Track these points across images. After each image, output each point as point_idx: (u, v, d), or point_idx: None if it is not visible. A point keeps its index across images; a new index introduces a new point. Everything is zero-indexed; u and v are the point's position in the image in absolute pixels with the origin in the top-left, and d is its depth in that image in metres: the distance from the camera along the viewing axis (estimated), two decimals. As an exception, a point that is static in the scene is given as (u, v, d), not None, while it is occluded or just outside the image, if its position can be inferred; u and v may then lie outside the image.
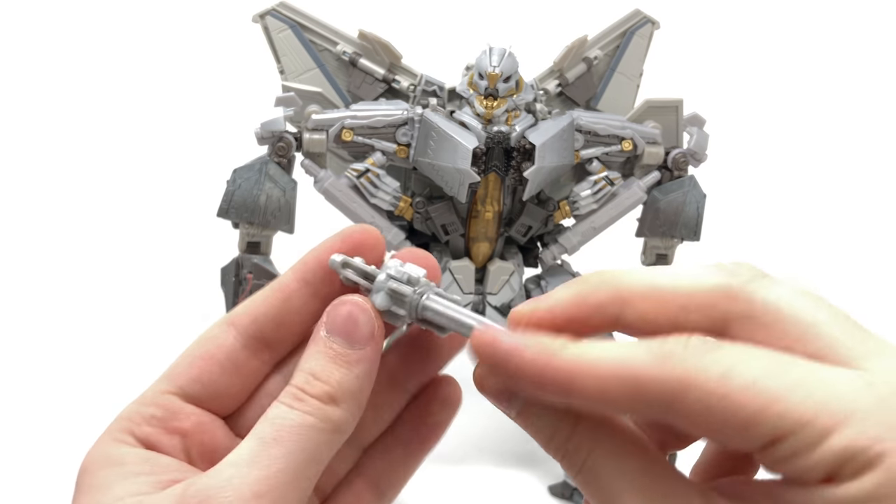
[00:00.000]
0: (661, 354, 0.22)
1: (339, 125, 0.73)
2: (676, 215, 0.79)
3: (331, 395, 0.27)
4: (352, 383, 0.27)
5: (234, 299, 0.75)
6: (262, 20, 0.76)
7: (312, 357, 0.28)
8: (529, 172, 0.72)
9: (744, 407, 0.20)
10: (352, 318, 0.28)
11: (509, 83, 0.71)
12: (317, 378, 0.27)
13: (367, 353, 0.28)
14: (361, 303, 0.28)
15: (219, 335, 0.30)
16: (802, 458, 0.20)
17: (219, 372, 0.29)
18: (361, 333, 0.28)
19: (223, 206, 0.73)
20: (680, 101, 0.79)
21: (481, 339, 0.25)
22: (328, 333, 0.28)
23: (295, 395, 0.27)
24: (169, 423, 0.28)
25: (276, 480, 0.25)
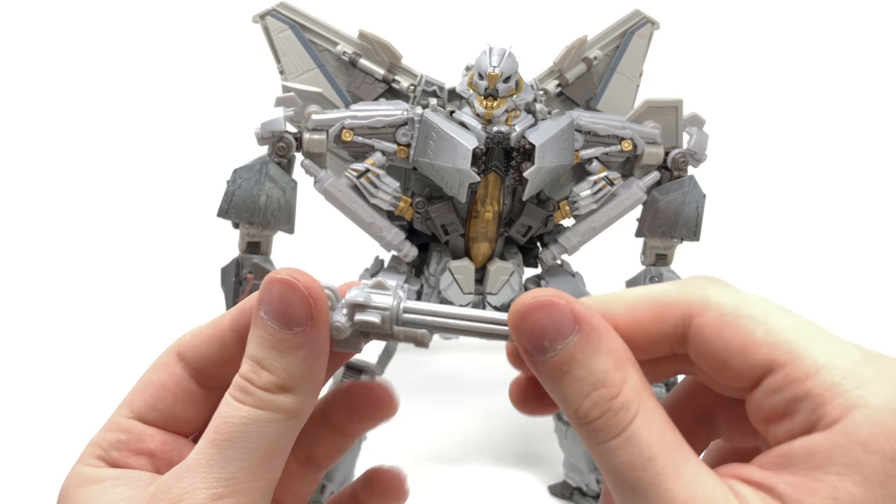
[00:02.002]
0: (683, 284, 0.26)
1: (339, 125, 0.73)
2: (676, 215, 0.79)
3: (277, 384, 0.26)
4: (298, 367, 0.26)
5: (235, 299, 0.75)
6: (263, 20, 0.76)
7: (254, 341, 0.27)
8: (529, 172, 0.72)
9: (754, 330, 0.24)
10: (284, 299, 0.26)
11: (509, 83, 0.71)
12: (262, 366, 0.26)
13: (307, 334, 0.26)
14: (292, 280, 0.26)
15: (168, 364, 0.31)
16: (788, 391, 0.23)
17: (172, 400, 0.30)
18: (297, 315, 0.26)
19: (223, 207, 0.73)
20: (679, 101, 0.79)
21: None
22: (265, 315, 0.26)
23: (242, 387, 0.26)
24: (135, 445, 0.29)
25: (237, 480, 0.25)
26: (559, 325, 0.25)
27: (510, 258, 0.81)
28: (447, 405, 0.92)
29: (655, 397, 0.25)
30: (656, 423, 0.24)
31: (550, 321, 0.25)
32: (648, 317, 0.26)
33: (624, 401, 0.24)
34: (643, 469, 0.23)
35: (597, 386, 0.24)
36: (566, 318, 0.25)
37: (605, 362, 0.25)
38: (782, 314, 0.25)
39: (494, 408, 0.93)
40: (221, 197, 0.73)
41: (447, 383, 0.97)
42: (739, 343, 0.25)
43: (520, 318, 0.25)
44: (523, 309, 0.25)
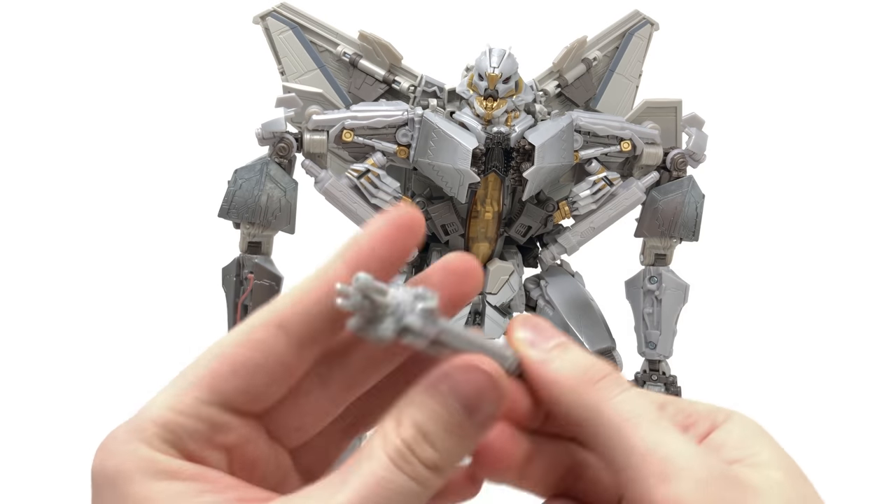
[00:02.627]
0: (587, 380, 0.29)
1: (339, 126, 0.73)
2: (675, 215, 0.79)
3: (437, 464, 0.26)
4: (460, 454, 0.26)
5: (236, 299, 0.75)
6: (263, 21, 0.77)
7: (426, 412, 0.26)
8: (529, 173, 0.73)
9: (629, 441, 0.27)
10: (480, 393, 0.26)
11: (509, 84, 0.71)
12: (426, 440, 0.25)
13: (483, 427, 0.26)
14: (495, 378, 0.26)
15: (267, 341, 0.26)
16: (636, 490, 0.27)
17: (268, 382, 0.27)
18: (486, 412, 0.26)
19: (224, 207, 0.73)
20: (679, 101, 0.79)
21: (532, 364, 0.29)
22: (451, 393, 0.26)
23: (403, 454, 0.25)
24: (213, 438, 0.26)
25: None
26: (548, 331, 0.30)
27: (510, 258, 0.81)
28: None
29: None
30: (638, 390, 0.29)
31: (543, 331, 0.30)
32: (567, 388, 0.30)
33: (617, 371, 0.29)
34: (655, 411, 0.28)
35: (594, 361, 0.29)
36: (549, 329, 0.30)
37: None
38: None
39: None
40: (222, 197, 0.73)
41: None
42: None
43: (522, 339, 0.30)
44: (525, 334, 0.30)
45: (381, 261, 0.27)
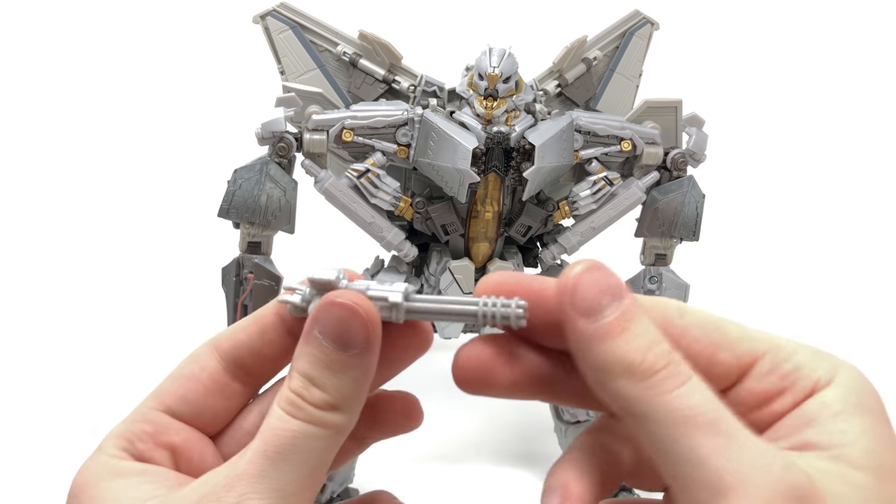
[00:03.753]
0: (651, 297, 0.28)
1: (339, 125, 0.73)
2: (675, 215, 0.79)
3: (329, 403, 0.27)
4: (349, 387, 0.27)
5: (235, 299, 0.75)
6: (263, 21, 0.77)
7: (306, 358, 0.27)
8: (529, 173, 0.72)
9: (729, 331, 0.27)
10: (343, 324, 0.27)
11: (509, 84, 0.71)
12: (313, 383, 0.27)
13: (362, 357, 0.27)
14: (353, 306, 0.27)
15: (202, 357, 0.31)
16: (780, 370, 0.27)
17: (203, 392, 0.30)
18: (354, 339, 0.27)
19: (224, 207, 0.73)
20: (679, 101, 0.79)
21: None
22: (321, 335, 0.27)
23: (293, 401, 0.27)
24: (159, 437, 0.29)
25: (287, 492, 0.26)
26: (615, 285, 0.26)
27: (510, 258, 0.81)
28: (447, 405, 0.92)
29: None
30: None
31: (608, 282, 0.26)
32: None
33: (677, 353, 0.26)
34: (715, 409, 0.24)
35: (657, 340, 0.26)
36: (619, 281, 0.27)
37: (654, 326, 0.26)
38: (738, 322, 0.29)
39: (494, 408, 0.93)
40: (222, 197, 0.73)
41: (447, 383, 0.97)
42: (724, 339, 0.27)
43: (576, 281, 0.26)
44: (579, 272, 0.26)
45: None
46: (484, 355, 0.29)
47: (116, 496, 0.27)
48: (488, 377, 0.29)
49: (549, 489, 0.27)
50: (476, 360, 0.29)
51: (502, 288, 0.28)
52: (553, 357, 0.29)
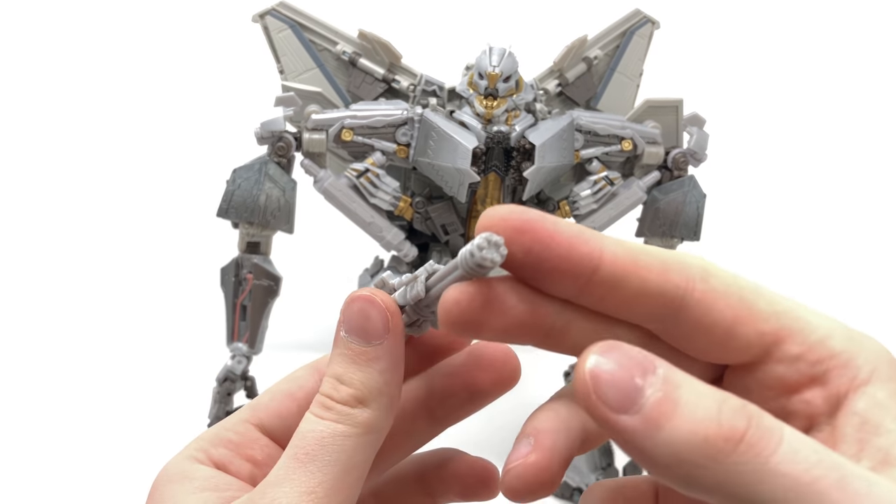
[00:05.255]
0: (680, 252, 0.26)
1: (338, 125, 0.73)
2: (676, 215, 0.79)
3: (356, 398, 0.26)
4: (375, 380, 0.27)
5: (234, 299, 0.75)
6: (262, 20, 0.76)
7: (335, 360, 0.27)
8: (529, 172, 0.72)
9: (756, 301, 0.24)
10: (363, 314, 0.27)
11: (509, 83, 0.71)
12: (342, 382, 0.27)
13: (385, 347, 0.27)
14: (370, 296, 0.27)
15: (302, 377, 0.30)
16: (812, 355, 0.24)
17: (296, 411, 0.29)
18: (375, 328, 0.27)
19: (223, 206, 0.73)
20: (680, 101, 0.79)
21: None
22: (346, 333, 0.27)
23: (323, 403, 0.27)
24: (242, 449, 0.29)
25: (317, 494, 0.25)
26: (639, 358, 0.21)
27: (510, 258, 0.80)
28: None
29: None
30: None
31: (630, 358, 0.21)
32: (651, 268, 0.24)
33: (745, 401, 0.21)
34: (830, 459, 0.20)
35: (719, 395, 0.21)
36: (640, 351, 0.22)
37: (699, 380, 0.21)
38: (770, 290, 0.25)
39: (494, 407, 0.93)
40: (221, 197, 0.73)
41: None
42: (747, 312, 0.24)
43: (594, 374, 0.21)
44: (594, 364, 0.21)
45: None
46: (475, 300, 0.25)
47: (174, 497, 0.27)
48: (477, 322, 0.25)
49: (521, 435, 0.26)
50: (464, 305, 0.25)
51: (507, 223, 0.24)
52: (555, 305, 0.26)
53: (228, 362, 0.75)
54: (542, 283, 0.25)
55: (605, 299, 0.25)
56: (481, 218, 0.25)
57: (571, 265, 0.24)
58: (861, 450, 0.22)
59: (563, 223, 0.24)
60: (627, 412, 0.20)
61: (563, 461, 0.25)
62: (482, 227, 0.25)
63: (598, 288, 0.24)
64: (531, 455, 0.25)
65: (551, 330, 0.26)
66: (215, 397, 0.75)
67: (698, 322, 0.24)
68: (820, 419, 0.24)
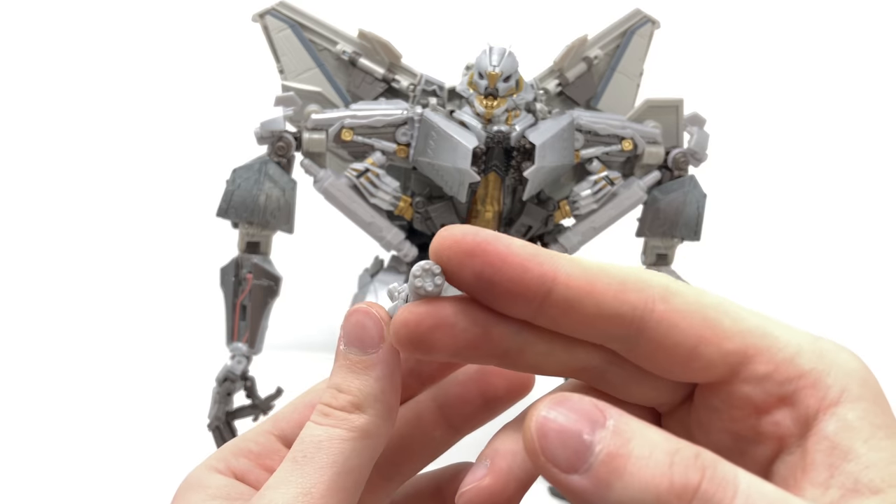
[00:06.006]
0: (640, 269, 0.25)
1: (338, 125, 0.73)
2: (677, 215, 0.79)
3: (353, 404, 0.27)
4: (371, 387, 0.27)
5: (234, 299, 0.75)
6: (262, 20, 0.76)
7: (335, 372, 0.28)
8: (529, 172, 0.72)
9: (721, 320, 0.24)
10: (359, 325, 0.28)
11: (509, 83, 0.71)
12: (340, 391, 0.27)
13: (381, 355, 0.28)
14: (367, 308, 0.28)
15: (324, 388, 0.30)
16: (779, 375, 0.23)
17: None
18: (370, 337, 0.28)
19: (223, 206, 0.73)
20: (680, 100, 0.79)
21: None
22: (345, 346, 0.28)
23: (322, 411, 0.27)
24: (262, 459, 0.29)
25: (313, 496, 0.26)
26: (587, 409, 0.20)
27: (510, 258, 0.80)
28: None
29: None
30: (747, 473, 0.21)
31: (577, 410, 0.20)
32: (607, 289, 0.24)
33: (699, 448, 0.20)
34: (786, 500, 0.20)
35: (671, 446, 0.20)
36: (587, 402, 0.21)
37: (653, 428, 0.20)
38: (736, 305, 0.24)
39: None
40: (221, 197, 0.73)
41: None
42: (710, 331, 0.24)
43: (539, 434, 0.20)
44: (539, 422, 0.20)
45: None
46: (423, 322, 0.25)
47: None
48: (426, 343, 0.25)
49: (480, 456, 0.26)
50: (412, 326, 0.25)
51: (458, 246, 0.24)
52: (512, 326, 0.25)
53: (228, 362, 0.75)
54: (496, 304, 0.25)
55: (562, 321, 0.24)
56: (434, 239, 0.25)
57: (524, 287, 0.24)
58: (831, 476, 0.22)
59: (517, 244, 0.24)
60: (577, 472, 0.20)
61: (520, 485, 0.25)
62: (433, 250, 0.24)
63: (553, 309, 0.24)
64: (486, 478, 0.25)
65: (507, 351, 0.25)
66: (215, 397, 0.75)
67: (660, 342, 0.24)
68: (790, 441, 0.23)
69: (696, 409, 0.26)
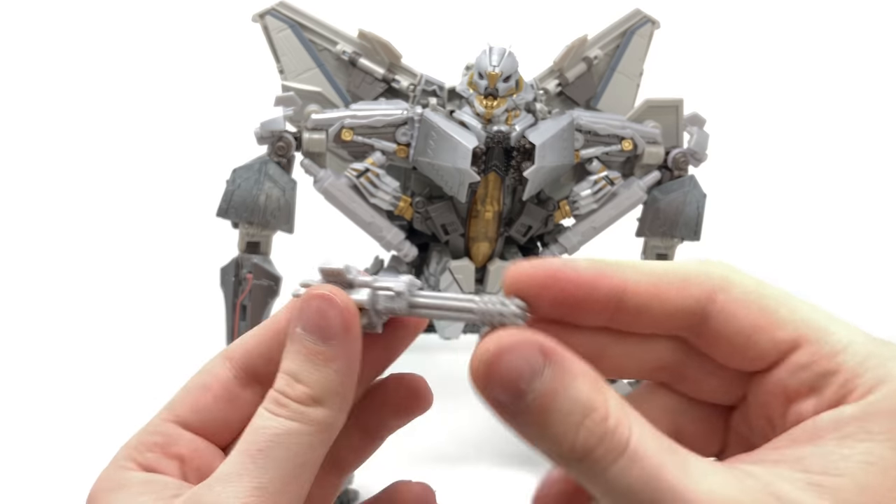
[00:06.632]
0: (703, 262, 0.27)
1: (338, 125, 0.73)
2: (677, 215, 0.79)
3: (312, 397, 0.26)
4: (332, 380, 0.27)
5: (234, 299, 0.75)
6: (262, 20, 0.76)
7: (289, 356, 0.27)
8: (529, 172, 0.72)
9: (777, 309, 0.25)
10: (321, 313, 0.27)
11: (509, 83, 0.71)
12: (297, 380, 0.27)
13: (342, 347, 0.27)
14: (330, 295, 0.27)
15: (214, 367, 0.31)
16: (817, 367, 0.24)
17: (212, 402, 0.30)
18: (333, 328, 0.27)
19: (223, 206, 0.73)
20: (680, 100, 0.79)
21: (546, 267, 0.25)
22: (303, 330, 0.27)
23: (276, 399, 0.27)
24: (168, 448, 0.29)
25: (268, 490, 0.25)
26: (529, 362, 0.23)
27: (510, 258, 0.80)
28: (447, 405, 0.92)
29: (634, 409, 0.24)
30: (649, 431, 0.23)
31: (520, 360, 0.23)
32: (671, 287, 0.26)
33: (616, 419, 0.23)
34: (658, 478, 0.22)
35: (586, 412, 0.23)
36: (534, 353, 0.23)
37: (585, 386, 0.23)
38: (795, 297, 0.26)
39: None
40: (221, 197, 0.73)
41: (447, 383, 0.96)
42: (766, 320, 0.25)
43: (488, 370, 0.23)
44: (489, 358, 0.23)
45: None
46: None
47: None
48: None
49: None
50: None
51: (532, 281, 0.25)
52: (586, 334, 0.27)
53: (228, 362, 0.75)
54: (571, 319, 0.26)
55: (634, 322, 0.26)
56: (507, 277, 0.26)
57: (597, 303, 0.26)
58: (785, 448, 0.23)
59: (583, 265, 0.26)
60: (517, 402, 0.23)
61: None
62: (509, 288, 0.26)
63: (626, 315, 0.26)
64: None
65: (588, 357, 0.26)
66: (215, 397, 0.75)
67: (720, 331, 0.25)
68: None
69: (749, 398, 0.27)
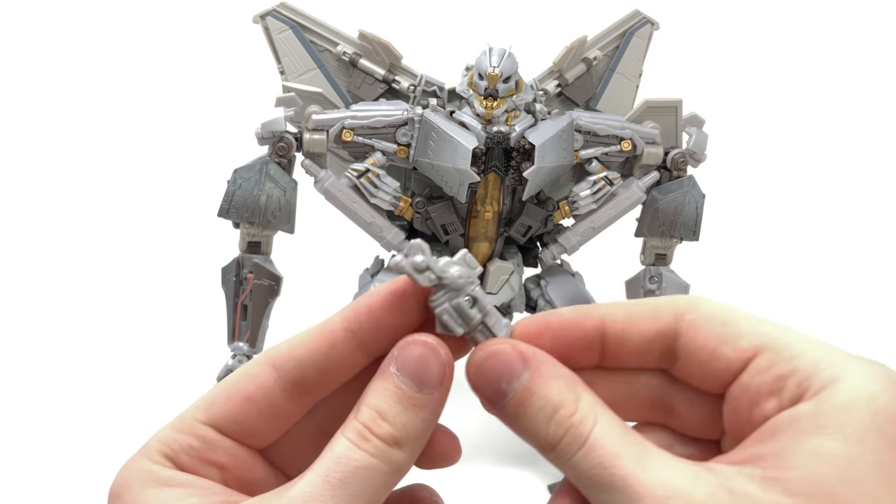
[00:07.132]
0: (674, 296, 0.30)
1: (339, 125, 0.73)
2: (676, 215, 0.79)
3: (395, 438, 0.27)
4: (417, 427, 0.27)
5: (235, 299, 0.75)
6: (263, 21, 0.76)
7: (379, 393, 0.27)
8: (529, 172, 0.72)
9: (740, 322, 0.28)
10: (423, 361, 0.27)
11: (509, 83, 0.71)
12: (383, 418, 0.27)
13: (435, 397, 0.28)
14: (434, 344, 0.28)
15: (260, 375, 0.29)
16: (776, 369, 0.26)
17: (255, 413, 0.29)
18: (432, 378, 0.27)
19: (224, 206, 0.73)
20: (679, 101, 0.79)
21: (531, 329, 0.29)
22: (399, 372, 0.27)
23: (361, 433, 0.27)
24: (206, 454, 0.29)
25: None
26: (510, 366, 0.27)
27: (510, 258, 0.81)
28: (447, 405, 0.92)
29: (611, 411, 0.27)
30: (616, 428, 0.26)
31: (503, 365, 0.27)
32: (644, 315, 0.29)
33: (582, 415, 0.26)
34: (613, 465, 0.25)
35: (556, 409, 0.27)
36: (515, 359, 0.27)
37: (558, 387, 0.27)
38: (756, 315, 0.28)
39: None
40: (222, 197, 0.73)
41: (447, 383, 0.96)
42: (729, 332, 0.27)
43: (477, 371, 0.28)
44: (478, 363, 0.28)
45: (377, 323, 0.29)
46: None
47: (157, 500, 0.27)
48: None
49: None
50: None
51: (529, 333, 0.29)
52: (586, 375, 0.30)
53: (229, 361, 0.75)
54: (568, 362, 0.29)
55: (618, 355, 0.29)
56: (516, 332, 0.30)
57: (584, 339, 0.29)
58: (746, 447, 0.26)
59: (565, 310, 0.30)
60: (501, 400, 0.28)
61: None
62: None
63: (610, 348, 0.29)
64: None
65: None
66: (216, 397, 0.76)
67: (689, 346, 0.28)
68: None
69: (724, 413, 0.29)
